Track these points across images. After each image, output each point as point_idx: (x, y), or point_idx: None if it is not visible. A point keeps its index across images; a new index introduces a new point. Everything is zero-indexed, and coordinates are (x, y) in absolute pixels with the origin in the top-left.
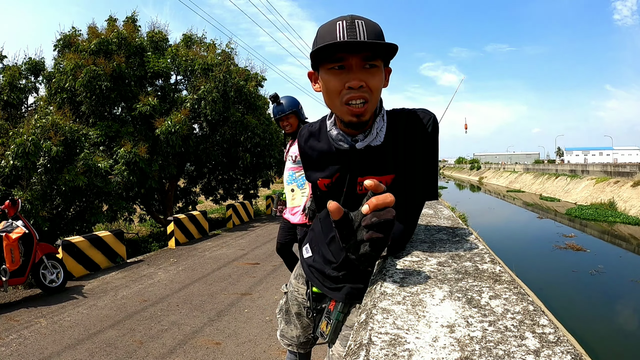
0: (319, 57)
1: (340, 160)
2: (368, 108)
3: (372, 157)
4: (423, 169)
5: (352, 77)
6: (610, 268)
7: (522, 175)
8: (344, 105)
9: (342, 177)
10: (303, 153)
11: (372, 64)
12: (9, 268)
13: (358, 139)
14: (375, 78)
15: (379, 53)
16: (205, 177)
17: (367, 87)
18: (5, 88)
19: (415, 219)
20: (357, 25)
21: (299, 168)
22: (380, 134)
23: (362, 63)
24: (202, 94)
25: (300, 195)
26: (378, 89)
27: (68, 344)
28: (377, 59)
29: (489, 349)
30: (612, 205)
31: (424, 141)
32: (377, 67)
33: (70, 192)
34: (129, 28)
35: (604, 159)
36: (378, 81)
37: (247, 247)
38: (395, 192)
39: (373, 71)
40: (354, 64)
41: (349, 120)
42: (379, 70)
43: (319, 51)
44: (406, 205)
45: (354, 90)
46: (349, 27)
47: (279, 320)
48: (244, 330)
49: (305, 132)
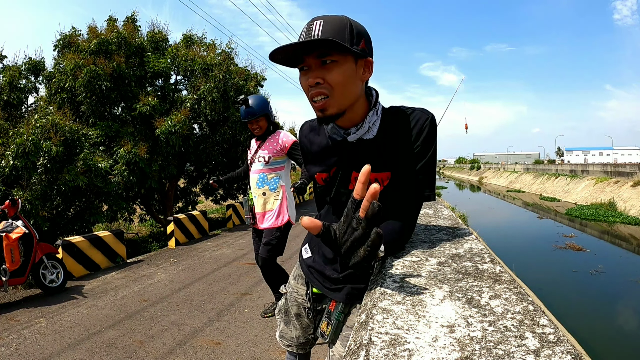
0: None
1: (336, 153)
2: (330, 102)
3: (365, 151)
4: (420, 168)
5: (309, 75)
6: (610, 268)
7: (522, 175)
8: (312, 102)
9: (339, 172)
10: (303, 147)
11: (327, 60)
12: (9, 268)
13: (350, 132)
14: (332, 73)
15: (333, 47)
16: (205, 177)
17: (325, 82)
18: (5, 88)
19: (414, 218)
20: (315, 26)
21: (271, 170)
22: (372, 128)
23: (319, 61)
24: (202, 94)
25: (273, 199)
26: (339, 83)
27: (68, 344)
28: (332, 53)
29: (489, 349)
30: (612, 205)
31: (421, 141)
32: (335, 62)
33: (70, 192)
34: (129, 28)
35: (604, 159)
36: (337, 75)
37: (247, 247)
38: (393, 190)
39: (330, 66)
40: (311, 63)
41: (318, 116)
42: (337, 65)
43: (275, 56)
44: (404, 205)
45: (313, 87)
46: (306, 29)
47: (278, 321)
48: (244, 330)
49: (306, 127)
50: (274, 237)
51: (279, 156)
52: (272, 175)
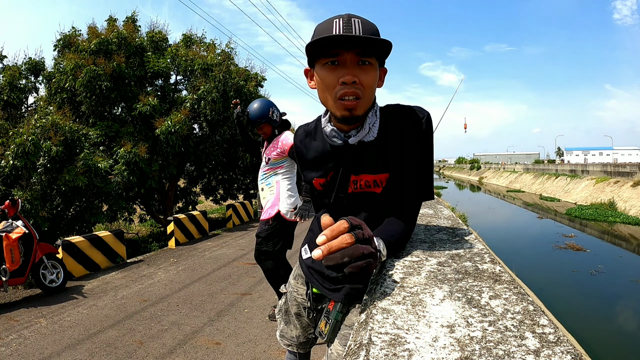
0: (314, 52)
1: (335, 157)
2: (360, 104)
3: (365, 154)
4: (418, 168)
5: (345, 72)
6: (610, 268)
7: (522, 175)
8: (338, 100)
9: (337, 176)
10: (299, 153)
11: (366, 61)
12: (9, 268)
13: (351, 134)
14: (368, 75)
15: (373, 50)
16: (205, 177)
17: (360, 83)
18: (5, 88)
19: (414, 218)
20: (354, 23)
21: (271, 169)
22: (373, 129)
23: (356, 59)
24: (202, 94)
25: (269, 192)
26: (371, 86)
27: (68, 344)
28: (371, 56)
29: (489, 349)
30: (612, 205)
31: (418, 139)
32: (371, 65)
33: (70, 192)
34: (129, 28)
35: (604, 159)
36: (371, 78)
37: (247, 247)
38: (391, 191)
39: (366, 68)
40: (348, 59)
41: (342, 115)
42: (372, 68)
43: (315, 44)
44: (404, 204)
45: (347, 85)
46: (345, 24)
47: (279, 321)
48: (244, 330)
49: (300, 132)
50: (263, 230)
51: (279, 158)
52: (271, 173)
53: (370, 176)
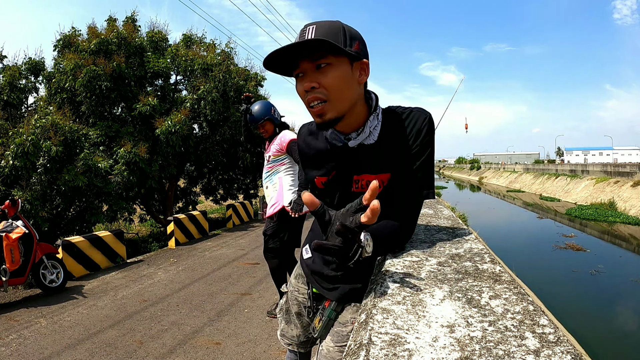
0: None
1: (336, 158)
2: (327, 107)
3: (366, 156)
4: (420, 168)
5: (305, 80)
6: (610, 268)
7: (522, 175)
8: (309, 108)
9: (339, 175)
10: (301, 151)
11: (322, 63)
12: (9, 268)
13: (351, 137)
14: (327, 76)
15: (326, 50)
16: (205, 177)
17: (321, 87)
18: (5, 88)
19: (415, 218)
20: (307, 31)
21: (272, 167)
22: (374, 133)
23: (313, 65)
24: (202, 94)
25: (272, 190)
26: (334, 87)
27: (68, 344)
28: (326, 56)
29: (489, 349)
30: (612, 205)
31: (420, 140)
32: (330, 65)
33: (70, 192)
34: (129, 28)
35: (604, 159)
36: (332, 79)
37: (247, 247)
38: (392, 191)
39: (325, 70)
40: (306, 67)
41: (317, 122)
42: (332, 68)
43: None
44: (404, 204)
45: (308, 92)
46: (300, 35)
47: (280, 320)
48: (244, 330)
49: (304, 130)
50: (269, 227)
51: (279, 154)
52: (274, 171)
53: (371, 176)
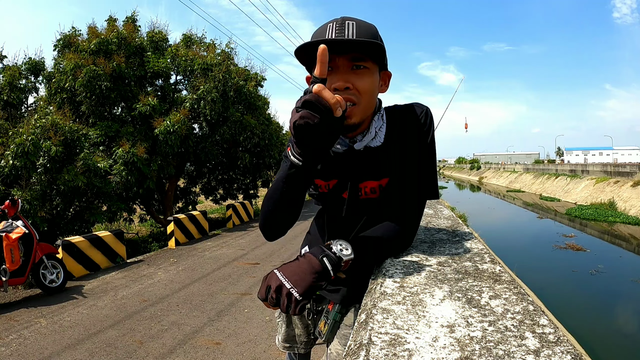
0: (311, 59)
1: (337, 165)
2: (355, 110)
3: (371, 159)
4: (421, 167)
5: (337, 77)
6: (610, 268)
7: (522, 175)
8: None
9: (340, 184)
10: None
11: (360, 65)
12: (9, 268)
13: (356, 139)
14: (363, 79)
15: (368, 53)
16: (205, 177)
17: (354, 88)
18: (5, 88)
19: (417, 220)
20: (347, 26)
21: None
22: (379, 134)
23: (350, 64)
24: (202, 94)
25: None
26: (367, 92)
27: (68, 344)
28: (366, 60)
29: (489, 349)
30: (612, 205)
31: (420, 137)
32: (366, 69)
33: (70, 192)
34: (129, 28)
35: (604, 159)
36: (367, 83)
37: (247, 247)
38: (391, 194)
39: (361, 72)
40: (340, 64)
41: None
42: (368, 72)
43: (304, 51)
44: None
45: (339, 92)
46: (338, 28)
47: (279, 324)
48: (244, 330)
49: None
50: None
51: None
52: None
53: (374, 182)
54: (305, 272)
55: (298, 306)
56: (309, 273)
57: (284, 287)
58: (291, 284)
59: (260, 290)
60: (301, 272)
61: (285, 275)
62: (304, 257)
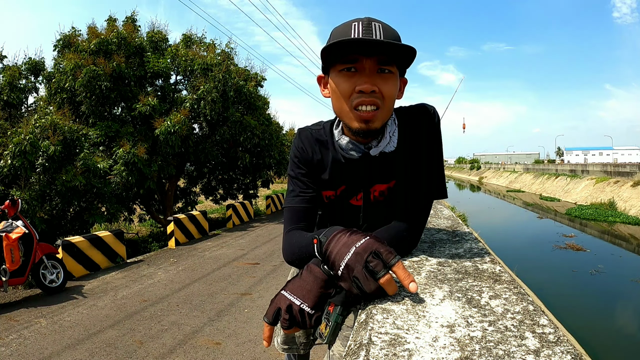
0: (331, 58)
1: (348, 171)
2: (378, 115)
3: (385, 164)
4: (430, 168)
5: (364, 80)
6: (610, 268)
7: (522, 175)
8: (353, 110)
9: (348, 190)
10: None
11: (386, 69)
12: (9, 268)
13: (371, 145)
14: (389, 84)
15: (395, 57)
16: (205, 177)
17: (379, 92)
18: (5, 88)
19: (422, 222)
20: (374, 27)
21: None
22: (393, 139)
23: (376, 67)
24: (202, 94)
25: None
26: (391, 97)
27: (68, 344)
28: (392, 64)
29: (489, 349)
30: (612, 205)
31: (430, 139)
32: (392, 73)
33: (69, 193)
34: (129, 28)
35: (604, 158)
36: (392, 88)
37: (247, 247)
38: (398, 196)
39: (387, 76)
40: (367, 66)
41: (357, 128)
42: (393, 77)
43: (332, 49)
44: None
45: (364, 94)
46: (365, 28)
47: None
48: (244, 330)
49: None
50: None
51: None
52: None
53: (383, 185)
54: (310, 284)
55: (312, 319)
56: (314, 284)
57: (293, 305)
58: (300, 300)
59: (267, 312)
60: (307, 285)
61: (293, 292)
62: (306, 270)
